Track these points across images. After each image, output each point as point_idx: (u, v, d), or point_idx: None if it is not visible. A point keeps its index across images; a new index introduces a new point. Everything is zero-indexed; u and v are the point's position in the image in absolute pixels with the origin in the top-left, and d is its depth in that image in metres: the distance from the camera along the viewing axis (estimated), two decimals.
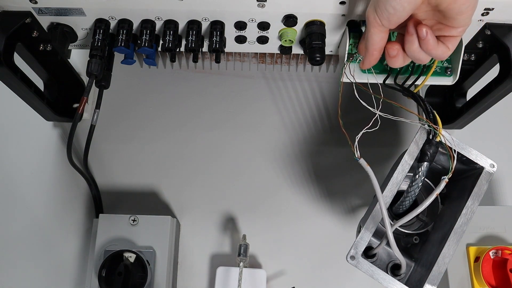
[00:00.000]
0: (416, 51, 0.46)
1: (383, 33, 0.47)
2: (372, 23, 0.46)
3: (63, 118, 0.69)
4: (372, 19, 0.45)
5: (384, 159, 0.72)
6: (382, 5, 0.44)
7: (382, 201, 0.46)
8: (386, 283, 0.48)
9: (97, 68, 0.55)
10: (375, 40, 0.47)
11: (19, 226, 0.70)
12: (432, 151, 0.49)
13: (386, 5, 0.43)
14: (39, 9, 0.54)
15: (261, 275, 0.64)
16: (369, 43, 0.48)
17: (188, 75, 0.79)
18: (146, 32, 0.55)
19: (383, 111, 0.49)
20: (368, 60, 0.49)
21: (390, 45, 0.48)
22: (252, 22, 0.55)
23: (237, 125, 0.76)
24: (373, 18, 0.45)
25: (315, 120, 0.77)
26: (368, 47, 0.48)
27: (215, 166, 0.74)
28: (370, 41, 0.47)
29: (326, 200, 0.72)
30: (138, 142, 0.75)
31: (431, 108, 0.49)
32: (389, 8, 0.43)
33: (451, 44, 0.46)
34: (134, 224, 0.62)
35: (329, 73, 0.76)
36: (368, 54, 0.49)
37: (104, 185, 0.72)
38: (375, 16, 0.45)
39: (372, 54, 0.48)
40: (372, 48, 0.48)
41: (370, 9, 0.45)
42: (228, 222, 0.71)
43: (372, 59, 0.49)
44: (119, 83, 0.75)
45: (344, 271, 0.68)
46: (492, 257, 0.59)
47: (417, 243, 0.55)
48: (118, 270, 0.58)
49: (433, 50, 0.46)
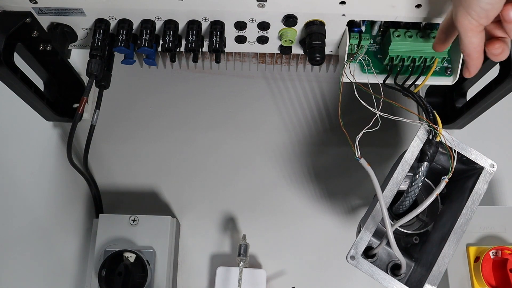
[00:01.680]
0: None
1: (481, 32, 0.44)
2: (467, 27, 0.43)
3: (63, 118, 0.69)
4: (467, 24, 0.43)
5: (384, 159, 0.72)
6: (475, 6, 0.41)
7: (383, 201, 0.46)
8: (386, 283, 0.48)
9: (97, 68, 0.55)
10: (476, 43, 0.44)
11: (19, 226, 0.70)
12: (432, 151, 0.49)
13: (480, 3, 0.40)
14: (39, 9, 0.54)
15: (261, 275, 0.64)
16: (470, 48, 0.45)
17: (188, 75, 0.79)
18: (146, 32, 0.55)
19: (383, 111, 0.49)
20: (475, 66, 0.47)
21: (491, 44, 0.45)
22: (252, 22, 0.55)
23: (237, 125, 0.76)
24: (468, 22, 0.42)
25: (315, 120, 0.77)
26: (471, 52, 0.45)
27: (215, 166, 0.74)
28: (471, 45, 0.44)
29: (326, 200, 0.72)
30: (138, 142, 0.75)
31: (431, 108, 0.49)
32: (484, 5, 0.41)
33: None
34: (134, 224, 0.62)
35: (329, 73, 0.76)
36: (471, 60, 0.46)
37: (104, 185, 0.72)
38: (470, 20, 0.42)
39: (477, 58, 0.46)
40: (475, 52, 0.45)
41: (461, 13, 0.42)
42: (228, 222, 0.71)
43: (478, 63, 0.47)
44: (119, 83, 0.75)
45: (344, 271, 0.68)
46: (492, 257, 0.59)
47: (417, 243, 0.55)
48: (118, 270, 0.58)
49: None
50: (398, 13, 0.53)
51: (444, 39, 0.50)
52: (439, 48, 0.52)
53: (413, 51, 0.56)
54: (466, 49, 0.45)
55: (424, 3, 0.52)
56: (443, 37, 0.50)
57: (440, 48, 0.52)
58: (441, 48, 0.52)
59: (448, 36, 0.50)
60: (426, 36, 0.56)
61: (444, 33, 0.50)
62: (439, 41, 0.51)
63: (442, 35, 0.50)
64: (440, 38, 0.51)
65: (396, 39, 0.56)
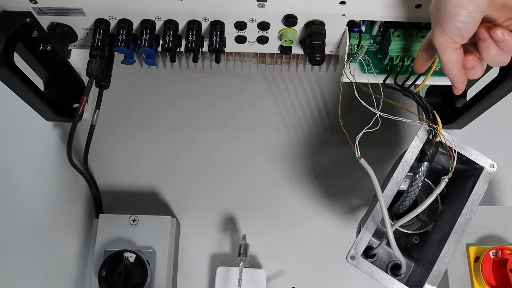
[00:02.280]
0: (497, 55, 0.44)
1: (458, 50, 0.45)
2: (444, 45, 0.44)
3: (63, 118, 0.69)
4: (443, 42, 0.44)
5: (384, 159, 0.72)
6: (450, 24, 0.42)
7: (383, 201, 0.46)
8: (386, 283, 0.48)
9: (97, 68, 0.55)
10: (453, 60, 0.45)
11: (19, 226, 0.70)
12: (432, 151, 0.49)
13: (455, 22, 0.42)
14: (39, 9, 0.54)
15: (261, 275, 0.64)
16: (449, 65, 0.46)
17: (188, 75, 0.79)
18: (146, 32, 0.55)
19: (383, 111, 0.49)
20: (460, 82, 0.47)
21: (465, 58, 0.46)
22: (252, 22, 0.55)
23: (237, 125, 0.76)
24: (444, 40, 0.43)
25: (315, 120, 0.77)
26: (450, 69, 0.46)
27: (215, 166, 0.74)
28: (449, 62, 0.45)
29: (326, 200, 0.72)
30: (138, 142, 0.75)
31: (431, 108, 0.49)
32: (459, 24, 0.42)
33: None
34: (134, 224, 0.62)
35: (329, 73, 0.76)
36: (452, 76, 0.47)
37: (104, 185, 0.72)
38: (445, 38, 0.43)
39: (456, 74, 0.46)
40: (454, 69, 0.46)
41: (437, 32, 0.43)
42: (228, 222, 0.71)
43: (461, 78, 0.47)
44: (119, 83, 0.75)
45: (344, 271, 0.68)
46: (492, 257, 0.59)
47: (417, 243, 0.55)
48: (118, 270, 0.58)
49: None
50: (398, 13, 0.53)
51: (425, 58, 0.50)
52: (420, 68, 0.52)
53: (413, 51, 0.56)
54: (445, 66, 0.46)
55: (424, 3, 0.52)
56: (424, 56, 0.50)
57: (421, 67, 0.52)
58: (422, 67, 0.52)
59: (428, 55, 0.50)
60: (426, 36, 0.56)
61: (425, 52, 0.50)
62: (419, 60, 0.51)
63: (422, 54, 0.50)
64: (420, 57, 0.51)
65: (396, 39, 0.56)
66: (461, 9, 0.41)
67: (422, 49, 0.50)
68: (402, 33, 0.56)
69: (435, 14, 0.43)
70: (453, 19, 0.41)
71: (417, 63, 0.52)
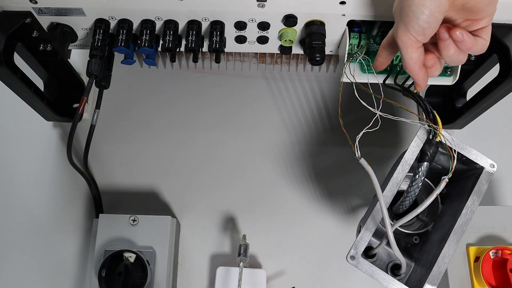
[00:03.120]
0: (455, 54, 0.46)
1: (419, 48, 0.46)
2: (407, 43, 0.45)
3: (63, 118, 0.69)
4: (406, 40, 0.45)
5: (384, 159, 0.72)
6: (414, 23, 0.43)
7: (383, 201, 0.46)
8: (386, 283, 0.48)
9: (97, 68, 0.55)
10: (416, 58, 0.46)
11: (19, 226, 0.70)
12: (432, 151, 0.49)
13: (419, 21, 0.43)
14: (39, 9, 0.54)
15: (261, 275, 0.64)
16: (411, 64, 0.46)
17: (188, 75, 0.79)
18: (146, 32, 0.55)
19: (383, 111, 0.49)
20: (421, 79, 0.48)
21: (425, 57, 0.47)
22: (252, 22, 0.55)
23: (237, 125, 0.76)
24: (407, 38, 0.44)
25: (315, 120, 0.77)
26: (412, 67, 0.47)
27: (215, 166, 0.74)
28: (411, 61, 0.46)
29: (326, 200, 0.72)
30: (138, 142, 0.75)
31: (431, 108, 0.49)
32: (422, 23, 0.43)
33: (485, 34, 0.46)
34: (134, 224, 0.62)
35: (329, 73, 0.76)
36: (414, 74, 0.48)
37: (104, 185, 0.72)
38: (409, 36, 0.44)
39: (418, 72, 0.47)
40: (416, 66, 0.47)
41: (400, 30, 0.44)
42: (228, 222, 0.71)
43: (422, 76, 0.48)
44: (119, 83, 0.75)
45: (344, 271, 0.68)
46: (492, 257, 0.59)
47: (417, 243, 0.55)
48: (118, 270, 0.58)
49: (474, 47, 0.45)
50: None
51: (386, 55, 0.51)
52: (380, 65, 0.53)
53: None
54: (407, 64, 0.47)
55: None
56: (385, 53, 0.51)
57: (381, 65, 0.53)
58: (382, 65, 0.53)
59: (389, 53, 0.51)
60: None
61: (386, 50, 0.51)
62: (380, 57, 0.52)
63: (383, 52, 0.51)
64: (381, 55, 0.52)
65: None
66: (425, 9, 0.42)
67: (383, 47, 0.51)
68: None
69: (399, 13, 0.44)
70: (417, 18, 0.43)
71: (377, 60, 0.52)
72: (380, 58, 0.52)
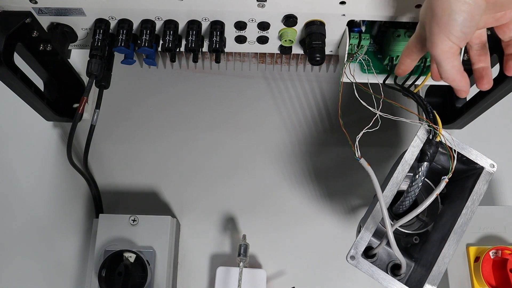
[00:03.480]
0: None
1: (460, 54, 0.44)
2: (448, 52, 0.42)
3: (63, 118, 0.69)
4: (447, 49, 0.42)
5: (384, 159, 0.72)
6: (456, 30, 0.40)
7: (383, 201, 0.46)
8: (386, 283, 0.48)
9: (97, 68, 0.55)
10: (458, 66, 0.43)
11: (19, 226, 0.70)
12: (432, 151, 0.49)
13: (463, 27, 0.40)
14: (39, 9, 0.54)
15: (261, 275, 0.64)
16: (453, 73, 0.44)
17: (188, 75, 0.79)
18: (146, 32, 0.55)
19: (383, 111, 0.49)
20: (463, 85, 0.46)
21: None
22: (252, 22, 0.55)
23: (237, 125, 0.76)
24: (448, 47, 0.42)
25: (315, 120, 0.76)
26: (454, 76, 0.44)
27: (215, 166, 0.74)
28: (454, 69, 0.43)
29: (326, 200, 0.72)
30: (138, 142, 0.75)
31: (431, 108, 0.49)
32: (466, 29, 0.40)
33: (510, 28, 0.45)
34: (134, 224, 0.62)
35: (329, 73, 0.76)
36: (458, 82, 0.45)
37: (104, 185, 0.72)
38: (449, 45, 0.41)
39: (461, 79, 0.45)
40: (458, 75, 0.44)
41: (439, 39, 0.41)
42: (228, 222, 0.71)
43: (464, 82, 0.45)
44: (119, 83, 0.75)
45: (344, 271, 0.68)
46: (492, 257, 0.59)
47: (417, 243, 0.55)
48: (118, 270, 0.58)
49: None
50: (398, 13, 0.53)
51: (409, 63, 0.50)
52: (402, 73, 0.52)
53: None
54: (448, 74, 0.44)
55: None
56: (408, 62, 0.50)
57: (404, 72, 0.51)
58: (404, 72, 0.51)
59: (412, 60, 0.50)
60: None
61: (408, 57, 0.49)
62: (402, 66, 0.51)
63: (405, 60, 0.50)
64: (403, 63, 0.50)
65: (396, 39, 0.56)
66: (463, 13, 0.39)
67: (406, 56, 0.49)
68: (402, 33, 0.56)
69: (431, 19, 0.42)
70: (460, 25, 0.40)
71: (400, 68, 0.51)
72: (402, 67, 0.51)
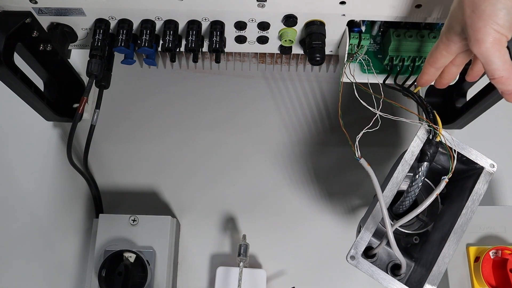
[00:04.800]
0: None
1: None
2: (496, 45, 0.38)
3: (63, 118, 0.69)
4: (496, 41, 0.38)
5: (384, 159, 0.72)
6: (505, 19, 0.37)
7: (383, 201, 0.46)
8: (386, 283, 0.48)
9: (97, 68, 0.55)
10: (510, 59, 0.39)
11: (19, 226, 0.70)
12: (432, 151, 0.49)
13: (509, 16, 0.37)
14: (39, 9, 0.54)
15: (261, 275, 0.64)
16: (506, 67, 0.39)
17: (188, 75, 0.79)
18: (146, 32, 0.55)
19: (383, 111, 0.49)
20: None
21: None
22: (252, 22, 0.55)
23: (237, 125, 0.76)
24: (498, 39, 0.38)
25: (315, 120, 0.76)
26: (507, 73, 0.39)
27: (215, 166, 0.74)
28: (507, 64, 0.39)
29: (326, 200, 0.72)
30: (138, 142, 0.75)
31: (431, 108, 0.49)
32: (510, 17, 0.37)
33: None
34: (134, 224, 0.62)
35: (329, 73, 0.76)
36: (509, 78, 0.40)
37: (104, 185, 0.72)
38: (499, 37, 0.38)
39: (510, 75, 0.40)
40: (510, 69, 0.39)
41: (484, 31, 0.38)
42: (228, 222, 0.71)
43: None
44: (119, 83, 0.75)
45: (344, 271, 0.68)
46: (492, 257, 0.59)
47: (417, 243, 0.55)
48: (118, 270, 0.58)
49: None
50: (398, 13, 0.53)
51: (433, 72, 0.48)
52: (426, 83, 0.50)
53: (413, 51, 0.56)
54: (502, 71, 0.39)
55: (424, 3, 0.52)
56: (432, 71, 0.48)
57: (427, 82, 0.49)
58: (427, 82, 0.50)
59: (437, 69, 0.48)
60: (426, 36, 0.56)
61: (433, 66, 0.47)
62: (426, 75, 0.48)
63: (429, 69, 0.47)
64: (427, 73, 0.48)
65: (396, 39, 0.56)
66: (510, 1, 0.37)
67: (430, 65, 0.47)
68: (402, 33, 0.56)
69: (471, 17, 0.38)
70: (507, 13, 0.37)
71: (423, 78, 0.49)
72: (426, 76, 0.49)
